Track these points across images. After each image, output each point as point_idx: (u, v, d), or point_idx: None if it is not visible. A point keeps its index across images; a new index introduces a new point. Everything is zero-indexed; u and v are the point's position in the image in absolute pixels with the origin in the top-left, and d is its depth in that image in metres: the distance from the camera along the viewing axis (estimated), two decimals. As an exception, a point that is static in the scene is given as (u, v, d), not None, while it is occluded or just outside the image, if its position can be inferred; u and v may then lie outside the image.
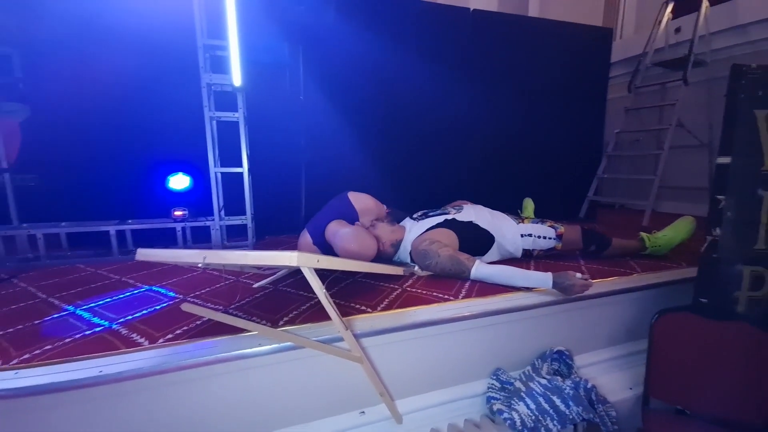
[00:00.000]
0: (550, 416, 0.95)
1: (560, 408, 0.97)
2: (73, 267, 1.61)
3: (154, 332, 0.95)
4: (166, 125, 1.80)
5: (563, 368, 1.18)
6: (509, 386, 1.09)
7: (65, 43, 1.80)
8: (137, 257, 0.88)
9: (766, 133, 1.16)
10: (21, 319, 1.06)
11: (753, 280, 1.22)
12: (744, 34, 2.72)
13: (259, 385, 0.94)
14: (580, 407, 0.97)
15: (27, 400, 0.78)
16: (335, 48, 1.85)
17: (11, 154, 1.80)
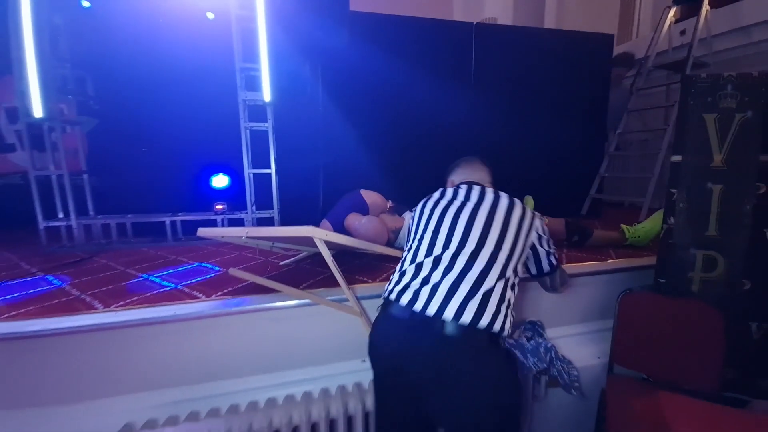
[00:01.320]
0: (510, 364, 1.19)
1: (520, 359, 1.20)
2: (137, 250, 1.98)
3: (209, 290, 1.27)
4: (210, 134, 2.17)
5: (534, 335, 1.40)
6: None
7: (128, 67, 2.20)
8: (199, 233, 1.20)
9: (714, 133, 1.35)
10: (109, 282, 1.41)
11: (706, 262, 1.40)
12: (746, 36, 2.79)
13: (285, 332, 1.24)
14: (536, 358, 1.20)
15: (124, 331, 1.11)
16: (349, 65, 2.14)
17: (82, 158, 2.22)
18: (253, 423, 1.02)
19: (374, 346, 0.96)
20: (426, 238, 1.01)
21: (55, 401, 1.08)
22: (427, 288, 0.90)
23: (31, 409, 1.07)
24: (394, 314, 0.92)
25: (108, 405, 1.09)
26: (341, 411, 1.08)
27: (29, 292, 1.32)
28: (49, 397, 1.08)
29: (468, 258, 0.93)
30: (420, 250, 1.00)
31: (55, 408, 1.07)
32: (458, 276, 0.90)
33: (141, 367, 1.13)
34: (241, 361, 1.21)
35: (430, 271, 0.93)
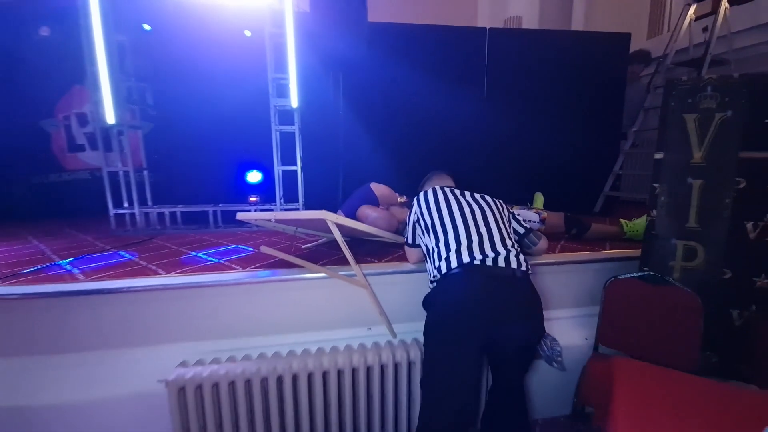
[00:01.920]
0: (493, 333, 1.37)
1: (501, 328, 1.38)
2: (186, 234, 2.34)
3: (245, 264, 1.56)
4: (246, 135, 2.49)
5: (522, 313, 1.57)
6: (475, 320, 1.52)
7: (180, 79, 2.57)
8: (237, 217, 1.49)
9: (694, 132, 1.45)
10: (168, 256, 1.74)
11: (686, 252, 1.51)
12: (767, 33, 2.74)
13: (304, 300, 1.50)
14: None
15: (182, 291, 1.41)
16: (366, 73, 2.38)
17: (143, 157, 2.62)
18: (276, 366, 1.28)
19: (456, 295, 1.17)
20: (451, 235, 1.27)
21: (130, 344, 1.41)
22: (482, 257, 1.19)
23: (112, 349, 1.40)
24: (468, 273, 1.17)
25: (168, 348, 1.40)
26: (347, 363, 1.32)
27: (108, 262, 1.67)
28: (126, 340, 1.41)
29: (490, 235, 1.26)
30: (455, 244, 1.25)
31: (129, 349, 1.40)
32: (497, 246, 1.23)
33: (193, 321, 1.44)
34: (268, 322, 1.49)
35: (470, 250, 1.21)
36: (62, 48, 2.98)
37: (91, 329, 1.39)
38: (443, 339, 1.16)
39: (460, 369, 1.14)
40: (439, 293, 1.23)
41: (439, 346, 1.17)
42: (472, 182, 2.99)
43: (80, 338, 1.38)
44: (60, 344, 1.37)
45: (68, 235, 2.34)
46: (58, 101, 3.14)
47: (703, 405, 1.06)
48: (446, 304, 1.18)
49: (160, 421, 1.28)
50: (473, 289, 1.15)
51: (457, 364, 1.13)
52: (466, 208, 1.35)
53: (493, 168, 3.01)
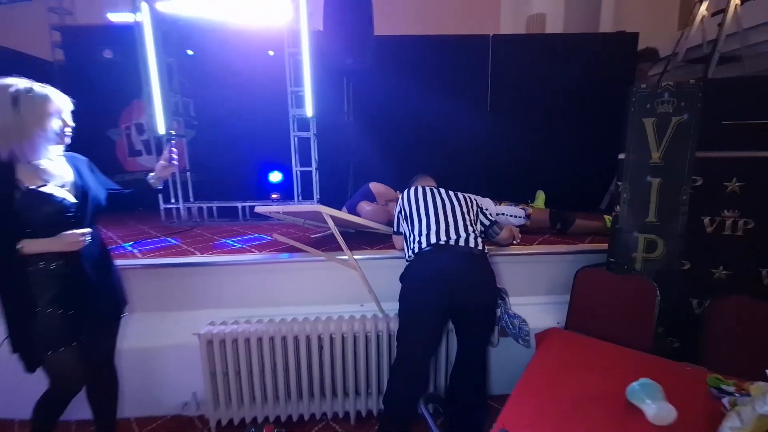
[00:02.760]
0: (461, 309, 1.61)
1: (470, 306, 1.61)
2: (220, 226, 2.76)
3: (261, 249, 1.91)
4: (269, 141, 2.87)
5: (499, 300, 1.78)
6: (452, 300, 1.76)
7: (216, 93, 3.00)
8: (256, 210, 1.84)
9: (653, 135, 1.59)
10: (202, 242, 2.15)
11: (647, 244, 1.64)
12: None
13: (309, 279, 1.83)
14: (484, 309, 1.60)
15: (214, 268, 1.79)
16: (373, 83, 2.66)
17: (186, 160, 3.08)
18: (282, 329, 1.61)
19: (425, 267, 1.44)
20: (424, 222, 1.54)
21: (172, 308, 1.80)
22: (446, 239, 1.47)
23: (160, 311, 1.80)
24: (436, 250, 1.45)
25: (200, 312, 1.78)
26: (338, 329, 1.62)
27: (159, 245, 2.10)
28: (170, 305, 1.81)
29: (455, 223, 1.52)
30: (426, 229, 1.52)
31: (171, 311, 1.80)
32: (460, 231, 1.50)
33: (219, 292, 1.81)
34: (278, 295, 1.83)
35: (437, 234, 1.49)
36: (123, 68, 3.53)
37: (145, 295, 1.80)
38: (416, 301, 1.43)
39: (429, 325, 1.42)
40: (413, 267, 1.50)
41: (413, 306, 1.44)
42: (472, 181, 3.18)
43: (137, 302, 1.80)
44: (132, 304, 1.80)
45: (129, 225, 2.85)
46: (121, 114, 3.73)
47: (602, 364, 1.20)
48: (419, 274, 1.45)
49: (194, 365, 1.66)
50: (440, 260, 1.43)
51: (426, 321, 1.41)
52: (438, 202, 1.61)
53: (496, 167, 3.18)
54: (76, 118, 1.21)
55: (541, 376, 1.12)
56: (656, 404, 0.85)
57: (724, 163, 1.48)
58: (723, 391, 0.95)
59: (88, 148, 1.40)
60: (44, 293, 1.13)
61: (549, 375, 1.13)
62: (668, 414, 0.84)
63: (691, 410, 0.89)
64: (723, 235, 1.52)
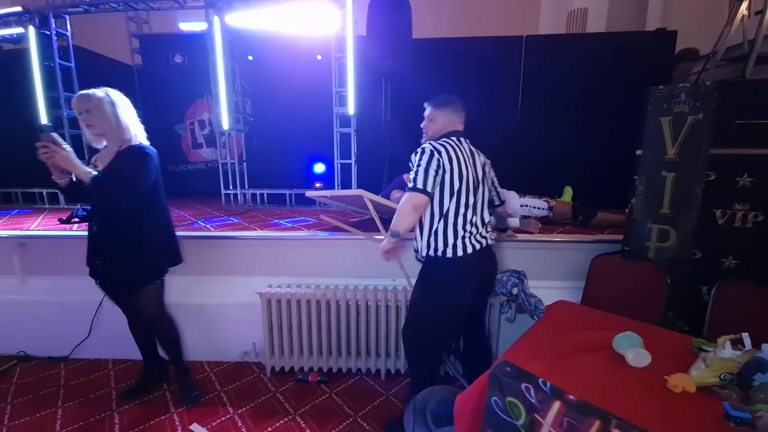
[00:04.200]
0: (481, 285, 1.83)
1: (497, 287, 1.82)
2: (270, 210, 3.14)
3: (310, 228, 2.24)
4: (315, 135, 3.22)
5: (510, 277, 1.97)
6: (474, 279, 1.99)
7: (270, 93, 3.38)
8: (307, 194, 2.17)
9: (669, 132, 1.71)
10: (261, 221, 2.51)
11: (660, 234, 1.77)
12: None
13: (349, 255, 2.12)
14: (500, 285, 1.81)
15: (271, 242, 2.13)
16: (410, 84, 2.90)
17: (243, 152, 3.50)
18: (326, 294, 1.92)
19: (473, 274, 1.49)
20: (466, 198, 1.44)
21: (238, 273, 2.18)
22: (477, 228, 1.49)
23: (230, 276, 2.18)
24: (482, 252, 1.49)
25: (260, 279, 2.13)
26: (373, 298, 1.91)
27: (225, 222, 2.49)
28: (237, 271, 2.18)
29: (481, 202, 1.52)
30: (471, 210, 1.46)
31: (238, 276, 2.17)
32: (482, 216, 1.52)
33: (275, 262, 2.15)
34: (323, 267, 2.15)
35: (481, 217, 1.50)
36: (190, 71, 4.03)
37: (216, 261, 2.19)
38: (457, 303, 1.49)
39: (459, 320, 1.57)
40: (458, 271, 1.46)
41: (451, 308, 1.49)
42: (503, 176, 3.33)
43: (209, 267, 2.19)
44: (205, 269, 2.20)
45: (195, 208, 3.31)
46: (186, 110, 4.25)
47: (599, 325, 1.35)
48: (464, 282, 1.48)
49: (253, 320, 2.01)
50: (483, 264, 1.54)
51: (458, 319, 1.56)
52: (480, 175, 1.51)
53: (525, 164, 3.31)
54: (150, 114, 1.59)
55: (541, 331, 1.33)
56: (634, 350, 1.05)
57: (737, 159, 1.59)
58: (703, 350, 1.12)
59: (158, 140, 1.77)
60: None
61: (549, 332, 1.33)
62: (643, 358, 1.03)
63: (669, 361, 1.07)
64: (733, 226, 1.62)
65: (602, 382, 1.00)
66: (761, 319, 1.44)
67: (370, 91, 2.97)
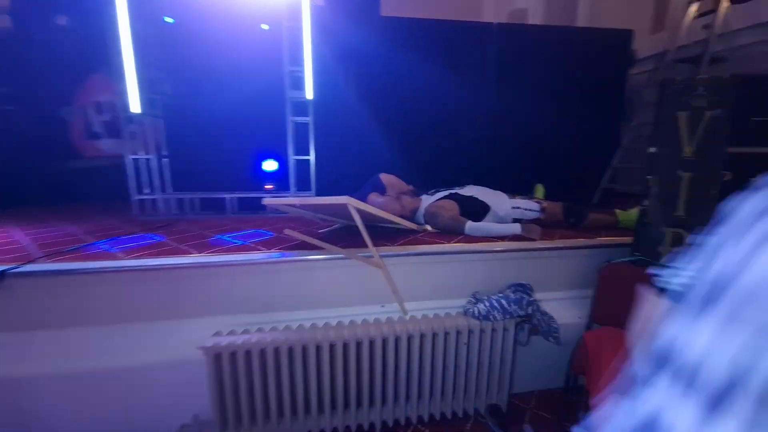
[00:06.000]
0: (497, 309, 1.52)
1: (504, 305, 1.52)
2: (205, 219, 2.47)
3: (269, 246, 1.69)
4: (263, 126, 2.59)
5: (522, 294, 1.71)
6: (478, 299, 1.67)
7: (199, 70, 2.64)
8: (264, 202, 1.62)
9: (685, 128, 1.57)
10: (195, 238, 1.88)
11: (674, 238, 1.64)
12: (766, 32, 2.82)
13: (324, 278, 1.64)
14: (517, 306, 1.52)
15: (215, 269, 1.55)
16: (379, 66, 2.48)
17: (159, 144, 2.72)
18: (302, 337, 1.42)
19: None
20: None
21: (169, 316, 1.55)
22: None
23: (154, 321, 1.54)
24: None
25: (203, 321, 1.54)
26: (365, 334, 1.47)
27: (141, 243, 1.81)
28: (166, 313, 1.55)
29: None
30: None
31: (169, 321, 1.54)
32: None
33: (225, 296, 1.58)
34: (292, 298, 1.63)
35: None
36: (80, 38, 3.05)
37: (135, 302, 1.53)
38: None
39: None
40: None
41: None
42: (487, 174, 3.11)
43: (126, 310, 1.53)
44: (110, 316, 1.52)
45: (94, 219, 2.47)
46: (75, 90, 3.24)
47: None
48: None
49: (196, 384, 1.43)
50: None
51: None
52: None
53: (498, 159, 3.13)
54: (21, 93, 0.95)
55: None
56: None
57: (753, 158, 1.51)
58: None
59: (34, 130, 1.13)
60: None
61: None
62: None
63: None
64: (749, 229, 1.55)
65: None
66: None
67: (333, 73, 2.47)
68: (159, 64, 2.48)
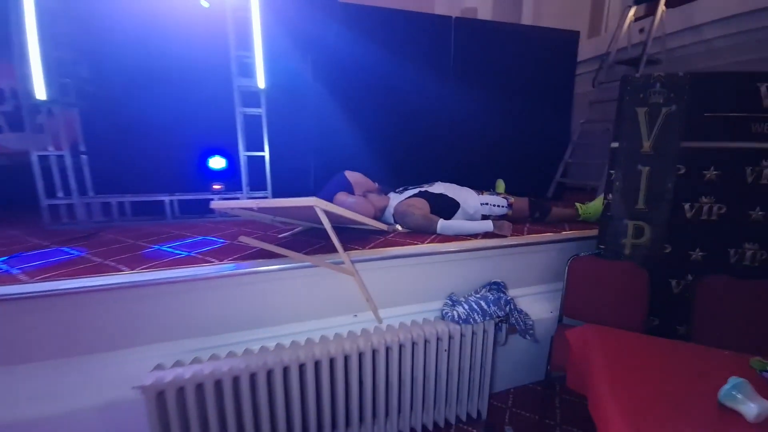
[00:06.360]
0: (476, 312, 1.45)
1: (484, 307, 1.46)
2: (139, 227, 2.12)
3: (221, 256, 1.46)
4: (208, 117, 2.28)
5: (498, 293, 1.67)
6: (455, 301, 1.60)
7: (125, 51, 2.24)
8: (212, 206, 1.38)
9: (645, 124, 1.63)
10: (125, 251, 1.57)
11: (635, 230, 1.70)
12: (698, 34, 3.11)
13: (288, 291, 1.45)
14: (496, 307, 1.47)
15: (153, 288, 1.29)
16: (338, 55, 2.30)
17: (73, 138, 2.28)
18: (267, 360, 1.23)
19: None
20: None
21: (95, 350, 1.26)
22: None
23: (74, 357, 1.24)
24: None
25: (141, 352, 1.28)
26: (339, 350, 1.32)
27: (51, 260, 1.46)
28: (90, 346, 1.26)
29: None
30: None
31: (95, 355, 1.25)
32: None
33: (167, 319, 1.32)
34: (250, 315, 1.42)
35: None
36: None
37: (46, 336, 1.22)
38: None
39: None
40: None
41: None
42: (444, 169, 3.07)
43: (34, 346, 1.21)
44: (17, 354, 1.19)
45: (-12, 231, 2.00)
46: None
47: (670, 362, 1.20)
48: None
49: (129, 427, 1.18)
50: None
51: None
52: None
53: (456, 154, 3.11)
54: None
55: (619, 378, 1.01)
56: (756, 404, 0.80)
57: (705, 152, 1.59)
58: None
59: None
60: None
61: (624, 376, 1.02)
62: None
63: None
64: (700, 219, 1.64)
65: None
66: (745, 313, 1.46)
67: (288, 60, 2.24)
68: (71, 42, 2.06)
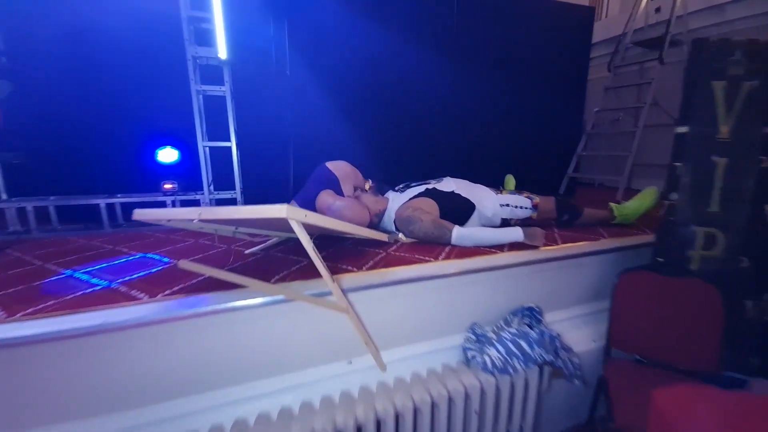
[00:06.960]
0: (516, 357, 1.06)
1: (525, 350, 1.08)
2: (65, 239, 1.63)
3: (154, 289, 1.01)
4: (154, 98, 1.80)
5: (533, 322, 1.29)
6: (483, 338, 1.20)
7: (49, 17, 1.75)
8: (134, 217, 0.93)
9: (722, 102, 1.26)
10: (21, 281, 1.10)
11: (706, 239, 1.34)
12: (720, 14, 2.81)
13: (253, 336, 1.02)
14: (542, 349, 1.09)
15: (35, 347, 0.84)
16: (321, 24, 1.86)
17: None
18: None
19: None
20: None
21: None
22: None
23: None
24: None
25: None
26: (329, 426, 0.90)
27: None
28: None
29: None
30: None
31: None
32: None
33: (63, 392, 0.87)
34: (199, 375, 0.98)
35: None
36: None
37: None
38: None
39: None
40: None
41: None
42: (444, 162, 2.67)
43: None
44: None
45: None
46: None
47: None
48: None
49: None
50: None
51: None
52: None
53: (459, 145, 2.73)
54: None
55: None
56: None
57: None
58: None
59: None
60: None
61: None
62: None
63: None
64: (786, 225, 1.30)
65: None
66: None
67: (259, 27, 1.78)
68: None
